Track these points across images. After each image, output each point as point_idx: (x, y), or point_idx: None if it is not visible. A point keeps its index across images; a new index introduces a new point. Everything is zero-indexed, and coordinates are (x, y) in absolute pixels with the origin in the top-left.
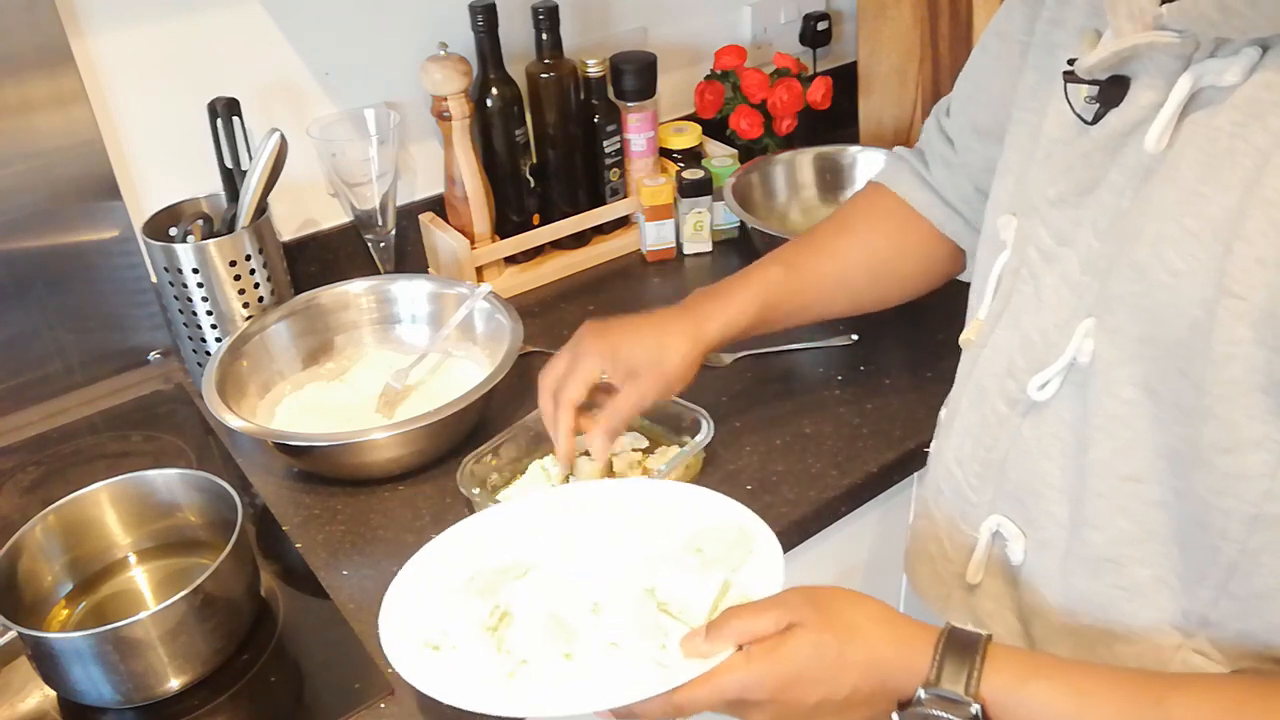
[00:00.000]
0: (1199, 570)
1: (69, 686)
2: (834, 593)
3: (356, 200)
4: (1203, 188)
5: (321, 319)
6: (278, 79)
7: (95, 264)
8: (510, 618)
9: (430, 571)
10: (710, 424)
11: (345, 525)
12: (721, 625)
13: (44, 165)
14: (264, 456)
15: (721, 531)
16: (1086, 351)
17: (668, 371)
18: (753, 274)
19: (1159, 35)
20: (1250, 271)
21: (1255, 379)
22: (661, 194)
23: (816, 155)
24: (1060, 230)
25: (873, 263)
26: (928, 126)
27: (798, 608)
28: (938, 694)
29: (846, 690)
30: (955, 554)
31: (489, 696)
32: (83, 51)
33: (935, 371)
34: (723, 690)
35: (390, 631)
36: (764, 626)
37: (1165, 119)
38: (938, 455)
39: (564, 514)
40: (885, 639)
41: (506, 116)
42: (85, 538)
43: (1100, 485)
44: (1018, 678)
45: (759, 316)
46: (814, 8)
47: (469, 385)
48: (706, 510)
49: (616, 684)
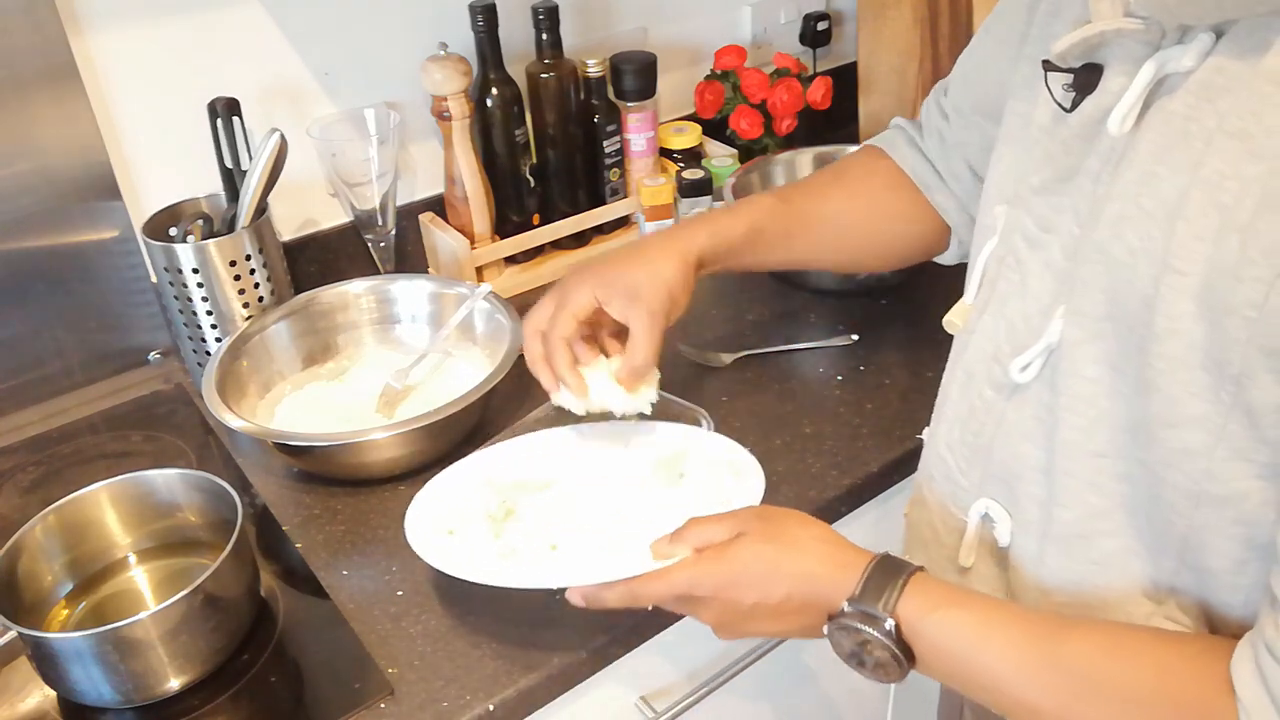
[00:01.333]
0: (1160, 541)
1: (69, 686)
2: (786, 512)
3: (356, 200)
4: (1158, 169)
5: (321, 319)
6: (278, 79)
7: (95, 264)
8: (514, 514)
9: (464, 472)
10: (710, 424)
11: (345, 525)
12: (683, 532)
13: (44, 165)
14: (264, 456)
15: (717, 467)
16: (1058, 333)
17: (668, 283)
18: (742, 202)
19: (1126, 21)
20: (1190, 248)
21: (1195, 355)
22: (661, 194)
23: (816, 155)
24: (1044, 217)
25: (860, 216)
26: (927, 104)
27: (748, 520)
28: (859, 608)
29: (779, 596)
30: (948, 538)
31: (479, 568)
32: (83, 51)
33: (935, 371)
34: (673, 584)
35: (415, 517)
36: (717, 534)
37: (1128, 104)
38: (930, 442)
39: (593, 443)
40: (822, 555)
41: (506, 116)
42: (85, 538)
43: (1069, 464)
44: (933, 601)
45: (746, 239)
46: (814, 8)
47: (469, 385)
48: (710, 450)
49: (587, 572)
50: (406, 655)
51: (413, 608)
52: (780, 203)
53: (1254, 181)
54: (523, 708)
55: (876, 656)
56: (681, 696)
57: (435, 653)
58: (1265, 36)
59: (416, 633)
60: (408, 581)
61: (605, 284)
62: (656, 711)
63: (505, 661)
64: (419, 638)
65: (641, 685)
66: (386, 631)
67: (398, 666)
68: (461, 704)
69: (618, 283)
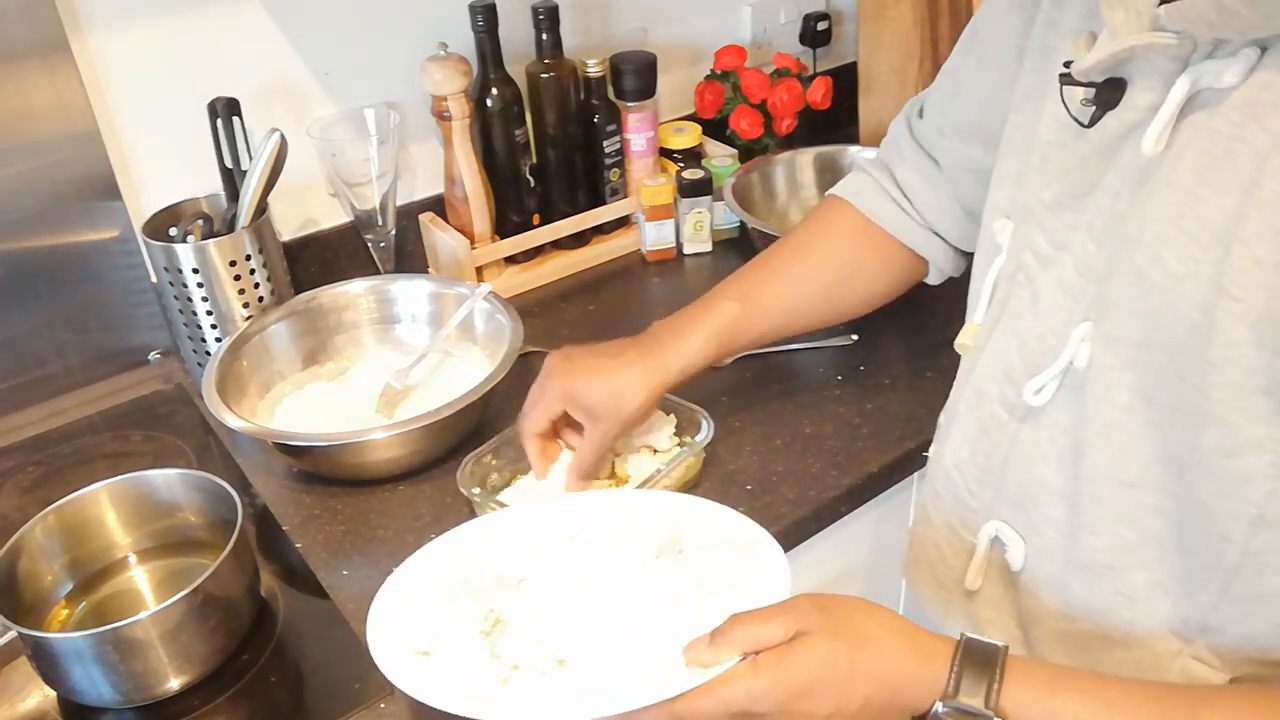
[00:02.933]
0: (1199, 575)
1: (69, 686)
2: (845, 600)
3: (356, 200)
4: (1201, 190)
5: (321, 319)
6: (278, 79)
7: (95, 264)
8: (503, 624)
9: (423, 576)
10: (710, 424)
11: (345, 525)
12: (726, 632)
13: (44, 165)
14: (264, 456)
15: (724, 542)
16: (1083, 356)
17: (624, 415)
18: (708, 310)
19: (1157, 36)
20: (1248, 273)
21: (1255, 381)
22: (661, 194)
23: (816, 155)
24: (1056, 234)
25: (831, 283)
26: (894, 130)
27: (807, 614)
28: (956, 707)
29: (859, 702)
30: (955, 559)
31: (481, 702)
32: (83, 51)
33: (935, 371)
34: (728, 701)
35: (379, 637)
36: (772, 634)
37: (1163, 121)
38: (937, 460)
39: (563, 523)
40: (899, 650)
41: (506, 116)
42: (85, 538)
43: (1097, 491)
44: (1042, 690)
45: (716, 354)
46: (814, 8)
47: (469, 385)
48: (710, 521)
49: (613, 692)
50: None
51: None
52: (744, 305)
53: None
54: None
55: None
56: None
57: None
58: None
59: None
60: None
61: (571, 398)
62: None
63: None
64: None
65: None
66: None
67: None
68: None
69: (582, 399)
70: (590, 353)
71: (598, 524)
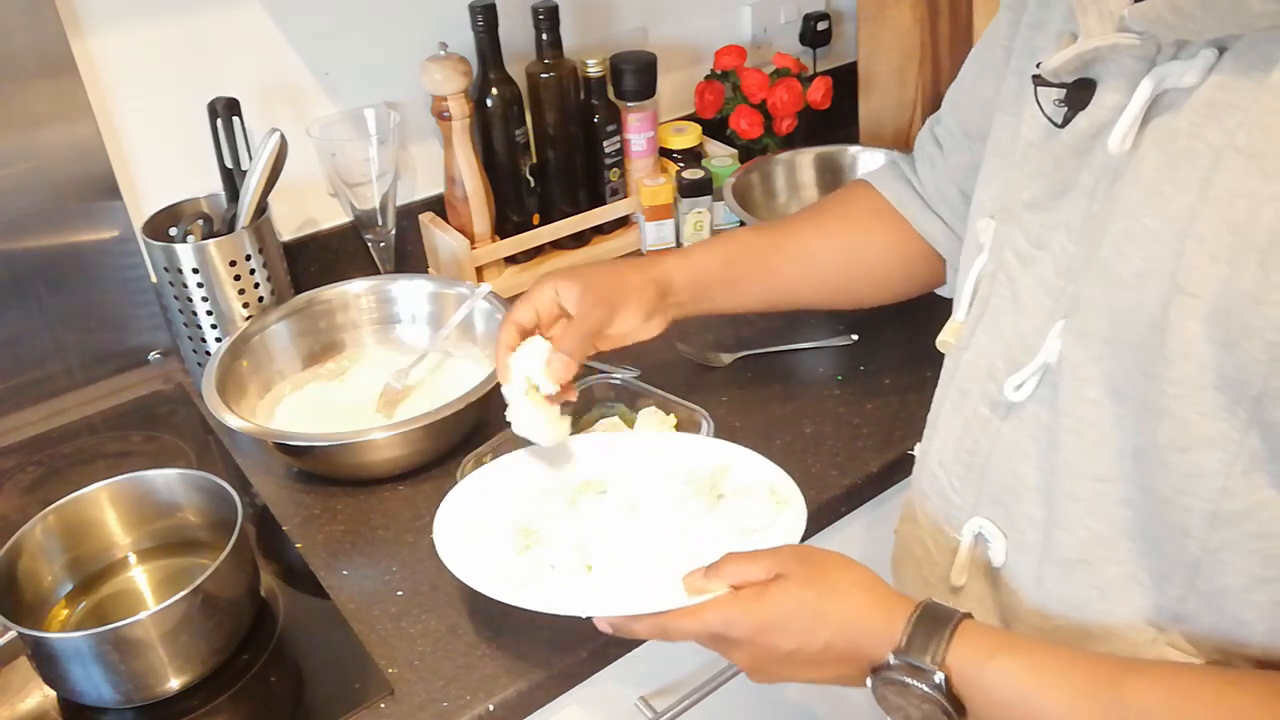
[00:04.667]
0: (1167, 567)
1: (69, 686)
2: (827, 554)
3: (356, 200)
4: (1164, 187)
5: (321, 319)
6: (278, 79)
7: (95, 264)
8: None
9: (497, 476)
10: (710, 424)
11: (345, 525)
12: (719, 567)
13: (44, 165)
14: (264, 456)
15: (760, 492)
16: (1054, 351)
17: (619, 288)
18: (720, 236)
19: (1121, 37)
20: (1201, 268)
21: (1207, 376)
22: (661, 194)
23: (816, 155)
24: (1035, 234)
25: (845, 251)
26: (921, 134)
27: (787, 560)
28: (906, 660)
29: (819, 645)
30: (940, 556)
31: (511, 588)
32: (83, 51)
33: (935, 372)
34: (706, 623)
35: (443, 527)
36: (755, 573)
37: (1128, 121)
38: (923, 458)
39: (634, 453)
40: (865, 603)
41: (506, 116)
42: (85, 538)
43: (1070, 486)
44: (983, 651)
45: (721, 269)
46: (814, 8)
47: (469, 385)
48: (752, 469)
49: (616, 600)
50: (406, 655)
51: (413, 608)
52: (759, 234)
53: (1271, 201)
54: (523, 708)
55: (925, 710)
56: (681, 696)
57: (435, 653)
58: (1270, 51)
59: (416, 633)
60: (408, 581)
61: (566, 278)
62: (656, 711)
63: (505, 661)
64: (419, 638)
65: (641, 685)
66: (386, 631)
67: (398, 666)
68: (461, 704)
69: (578, 280)
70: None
71: (650, 456)
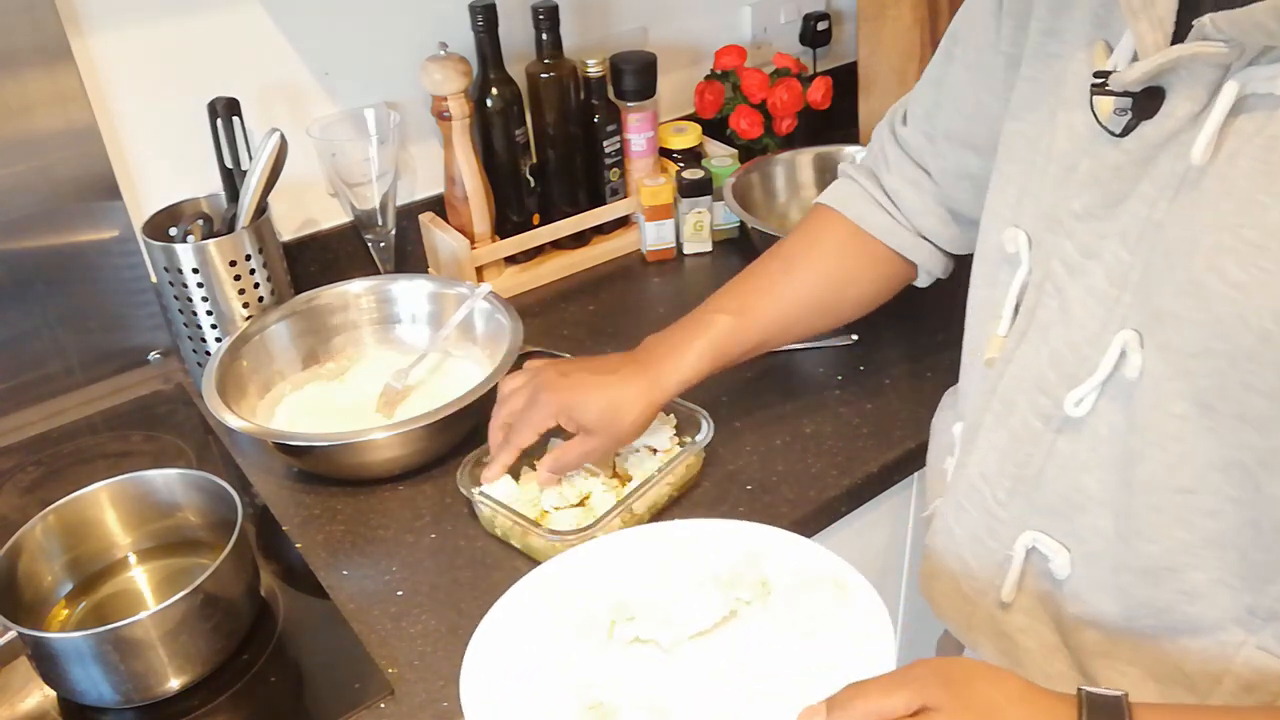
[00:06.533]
0: (1269, 570)
1: (69, 686)
2: (967, 668)
3: (356, 200)
4: (1260, 197)
5: (321, 319)
6: (278, 79)
7: (95, 264)
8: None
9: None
10: (710, 424)
11: (345, 525)
12: (845, 704)
13: (44, 165)
14: (264, 456)
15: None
16: (1134, 367)
17: (619, 432)
18: (702, 324)
19: (1204, 46)
20: None
21: None
22: (661, 194)
23: (816, 155)
24: (1086, 244)
25: (823, 294)
26: (879, 138)
27: (928, 686)
28: None
29: None
30: (981, 571)
31: None
32: (83, 51)
33: (935, 371)
34: None
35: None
36: (893, 708)
37: (1212, 129)
38: (960, 471)
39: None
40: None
41: (506, 116)
42: (85, 538)
43: (1153, 499)
44: None
45: (710, 368)
46: (814, 8)
47: (469, 385)
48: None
49: None
50: (406, 655)
51: (413, 608)
52: (738, 318)
53: None
54: None
55: None
56: None
57: (435, 653)
58: None
59: (416, 633)
60: (408, 581)
61: (566, 412)
62: None
63: None
64: (419, 638)
65: None
66: (386, 631)
67: (398, 666)
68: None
69: (578, 414)
70: (585, 368)
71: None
